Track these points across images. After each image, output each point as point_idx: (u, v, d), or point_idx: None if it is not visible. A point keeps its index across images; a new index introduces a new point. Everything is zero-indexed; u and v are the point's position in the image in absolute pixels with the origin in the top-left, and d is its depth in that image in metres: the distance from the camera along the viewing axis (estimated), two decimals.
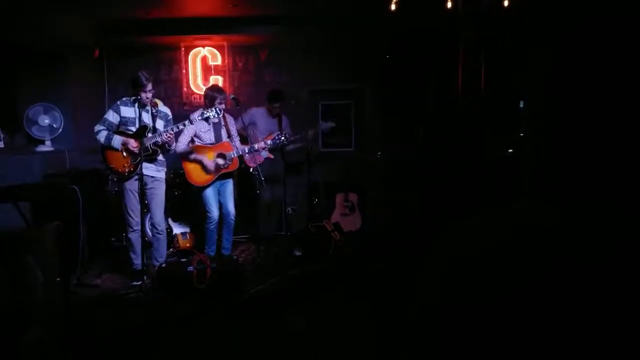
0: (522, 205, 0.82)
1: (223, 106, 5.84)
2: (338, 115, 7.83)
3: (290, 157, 7.15)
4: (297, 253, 6.49)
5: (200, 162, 5.90)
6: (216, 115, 5.59)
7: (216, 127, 6.00)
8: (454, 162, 6.86)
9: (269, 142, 6.16)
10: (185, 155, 5.90)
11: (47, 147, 6.76)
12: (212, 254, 6.01)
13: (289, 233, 7.32)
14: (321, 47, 7.90)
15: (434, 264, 0.83)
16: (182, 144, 5.80)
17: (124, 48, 7.76)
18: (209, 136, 5.95)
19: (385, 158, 8.09)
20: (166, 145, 5.45)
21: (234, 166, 6.02)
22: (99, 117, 5.51)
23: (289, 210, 7.44)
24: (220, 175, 5.98)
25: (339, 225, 6.72)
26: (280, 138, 6.17)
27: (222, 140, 6.01)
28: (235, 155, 5.99)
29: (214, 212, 5.97)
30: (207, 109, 5.60)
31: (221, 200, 6.09)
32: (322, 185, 7.52)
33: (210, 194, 5.97)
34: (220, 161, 5.90)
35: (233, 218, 6.10)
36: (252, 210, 6.67)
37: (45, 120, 6.67)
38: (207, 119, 5.66)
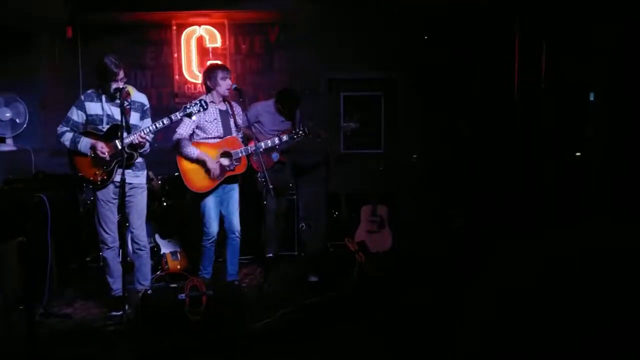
0: (594, 224, 0.81)
1: (229, 83, 5.76)
2: (364, 110, 7.82)
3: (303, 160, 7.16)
4: (313, 278, 6.46)
5: (202, 163, 5.72)
6: (201, 110, 5.31)
7: (224, 117, 5.84)
8: (507, 167, 6.83)
9: (284, 137, 6.12)
10: (182, 152, 5.73)
11: (8, 146, 6.82)
12: (207, 276, 5.94)
13: (302, 254, 7.33)
14: (344, 26, 7.89)
15: (485, 301, 0.82)
16: (181, 135, 5.68)
17: (102, 26, 7.82)
18: (215, 127, 5.77)
19: (423, 162, 8.06)
20: (137, 149, 5.30)
21: (242, 168, 5.89)
22: None
23: (302, 226, 7.44)
24: (225, 179, 5.84)
25: (364, 245, 6.70)
26: (299, 133, 6.14)
27: (230, 134, 5.87)
28: (244, 154, 5.86)
29: (213, 227, 5.87)
30: (207, 95, 5.60)
31: (223, 211, 5.97)
32: (343, 196, 7.52)
33: (210, 203, 5.83)
34: (225, 162, 5.77)
35: (238, 235, 5.98)
36: (258, 226, 6.67)
37: (6, 114, 6.74)
38: (189, 116, 5.31)
